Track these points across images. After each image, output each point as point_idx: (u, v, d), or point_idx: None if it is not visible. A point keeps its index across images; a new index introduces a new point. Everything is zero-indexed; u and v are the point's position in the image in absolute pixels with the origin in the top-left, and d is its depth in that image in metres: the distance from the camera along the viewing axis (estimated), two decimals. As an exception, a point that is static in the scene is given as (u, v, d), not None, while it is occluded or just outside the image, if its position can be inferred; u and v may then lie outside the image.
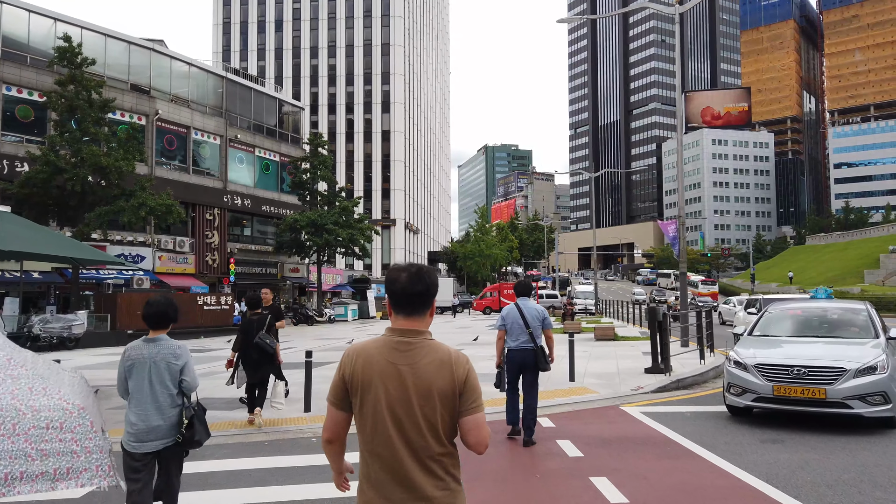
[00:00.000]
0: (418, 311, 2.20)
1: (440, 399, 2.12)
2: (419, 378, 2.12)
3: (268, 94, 43.45)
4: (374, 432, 2.14)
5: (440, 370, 2.14)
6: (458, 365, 2.17)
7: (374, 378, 2.14)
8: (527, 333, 6.77)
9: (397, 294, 2.20)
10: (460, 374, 2.16)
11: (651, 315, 11.19)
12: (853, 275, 58.07)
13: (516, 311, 6.90)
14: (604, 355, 14.92)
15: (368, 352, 2.19)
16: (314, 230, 36.65)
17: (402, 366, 2.13)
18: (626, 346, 17.11)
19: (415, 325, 2.20)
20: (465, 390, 2.15)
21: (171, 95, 35.89)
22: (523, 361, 6.79)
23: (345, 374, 2.20)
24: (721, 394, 8.21)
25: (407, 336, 2.17)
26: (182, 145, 35.88)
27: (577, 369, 11.16)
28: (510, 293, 49.13)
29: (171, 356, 3.81)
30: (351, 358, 2.21)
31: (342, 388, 2.21)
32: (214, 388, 10.79)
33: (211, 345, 23.14)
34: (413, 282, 2.18)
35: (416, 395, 2.12)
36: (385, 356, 2.16)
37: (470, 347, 18.39)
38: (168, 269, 34.24)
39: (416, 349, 2.16)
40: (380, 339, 2.23)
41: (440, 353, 2.17)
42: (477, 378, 2.22)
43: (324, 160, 38.69)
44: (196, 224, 36.12)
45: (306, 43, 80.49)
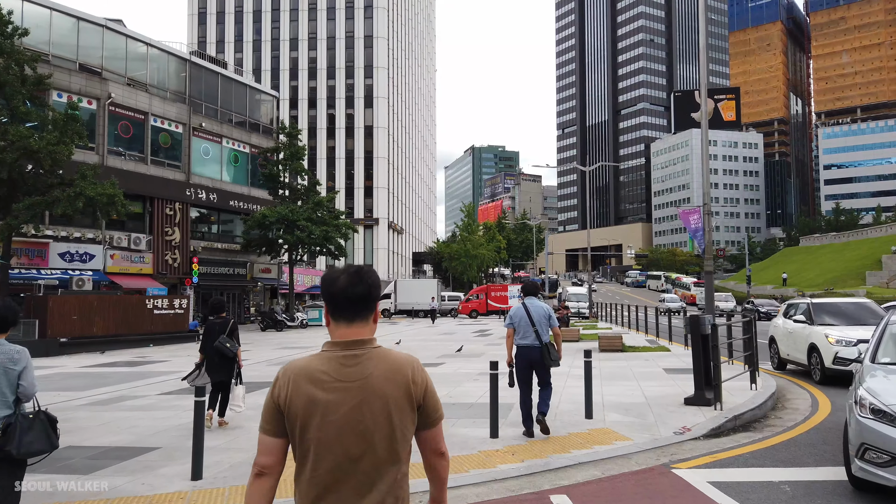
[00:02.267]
0: (361, 316, 1.97)
1: (398, 414, 1.91)
2: (370, 393, 1.89)
3: (237, 81, 40.25)
4: (317, 462, 1.88)
5: (396, 381, 1.92)
6: (415, 375, 1.96)
7: (320, 401, 1.88)
8: (533, 331, 7.01)
9: (336, 298, 1.96)
10: (419, 385, 1.96)
11: (694, 327, 8.31)
12: (854, 276, 55.91)
13: (523, 310, 7.13)
14: (618, 374, 12.03)
15: (308, 371, 1.92)
16: (285, 227, 33.56)
17: (351, 382, 1.89)
18: (639, 360, 14.26)
19: (359, 333, 1.96)
20: (426, 401, 1.97)
21: (127, 78, 32.65)
22: (531, 358, 7.07)
23: (279, 399, 1.92)
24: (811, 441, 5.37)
25: (353, 348, 1.93)
26: (139, 133, 32.64)
27: (592, 397, 8.27)
28: (497, 295, 46.26)
29: (8, 361, 3.73)
30: (287, 379, 1.93)
31: (276, 411, 1.92)
32: (116, 424, 7.79)
33: (155, 355, 20.04)
34: (353, 283, 1.95)
35: (371, 413, 1.88)
36: (331, 374, 1.90)
37: (454, 361, 15.44)
38: (121, 269, 31.00)
39: (363, 362, 1.92)
40: (321, 355, 1.95)
41: (392, 364, 1.95)
42: (433, 384, 2.01)
43: (296, 151, 35.58)
44: (154, 219, 32.88)
45: (286, 34, 77.25)
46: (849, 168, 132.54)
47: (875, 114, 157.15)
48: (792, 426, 7.63)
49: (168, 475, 5.77)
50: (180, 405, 9.74)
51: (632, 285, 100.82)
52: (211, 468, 5.88)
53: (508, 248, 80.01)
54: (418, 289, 46.23)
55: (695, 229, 13.74)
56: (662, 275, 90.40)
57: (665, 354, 15.37)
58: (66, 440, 7.26)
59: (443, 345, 20.63)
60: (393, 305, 47.21)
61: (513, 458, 6.10)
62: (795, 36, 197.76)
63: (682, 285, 73.68)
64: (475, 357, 16.26)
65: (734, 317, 29.51)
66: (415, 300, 45.60)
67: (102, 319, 22.73)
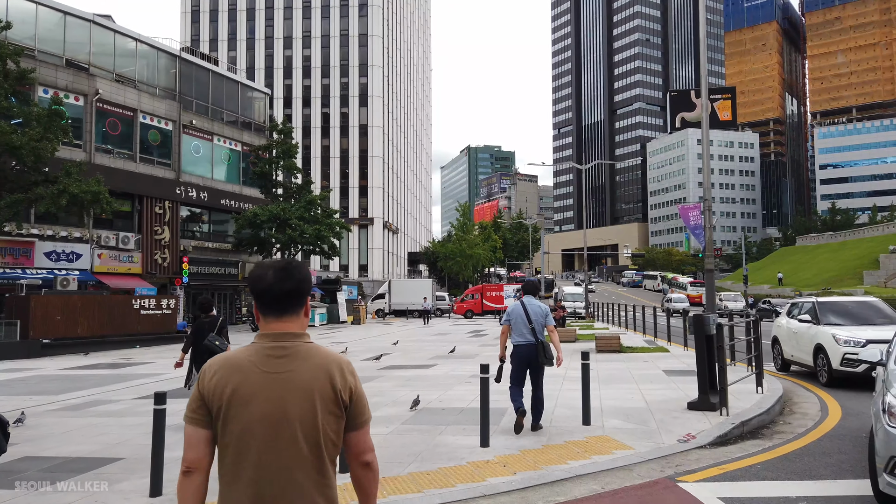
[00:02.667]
0: (290, 310, 1.95)
1: (322, 410, 1.86)
2: (295, 387, 1.85)
3: (228, 78, 39.65)
4: (238, 452, 1.82)
5: (322, 377, 1.88)
6: (343, 373, 1.92)
7: (243, 391, 1.84)
8: (529, 329, 7.10)
9: (264, 294, 1.94)
10: (346, 384, 1.91)
11: (698, 327, 7.83)
12: (851, 276, 55.60)
13: (521, 308, 7.28)
14: (617, 376, 11.54)
15: (235, 362, 1.89)
16: (276, 225, 33.00)
17: (277, 374, 1.86)
18: (638, 362, 13.78)
19: (289, 326, 1.94)
20: (353, 402, 1.92)
21: (115, 74, 32.05)
22: (527, 356, 7.11)
23: (203, 388, 1.88)
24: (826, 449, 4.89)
25: (281, 340, 1.91)
26: (128, 130, 32.05)
27: (591, 402, 7.76)
28: (493, 295, 45.77)
29: None
30: (213, 370, 1.90)
31: (201, 401, 1.88)
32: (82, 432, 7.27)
33: (140, 356, 19.48)
34: (281, 278, 1.93)
35: (293, 405, 1.84)
36: (258, 365, 1.87)
37: (446, 362, 14.93)
38: (109, 269, 30.39)
39: (291, 355, 1.89)
40: (250, 346, 1.92)
41: (320, 358, 1.92)
42: (361, 385, 1.96)
43: (288, 148, 35.02)
44: (143, 218, 32.29)
45: (280, 33, 76.63)
46: (844, 168, 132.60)
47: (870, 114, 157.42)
48: (803, 433, 7.15)
49: (125, 490, 5.26)
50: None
51: (628, 285, 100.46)
52: (174, 482, 5.36)
53: (504, 247, 79.53)
54: (413, 289, 45.69)
55: (694, 226, 13.29)
56: (659, 275, 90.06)
57: (664, 355, 14.91)
58: (25, 450, 6.75)
59: (436, 346, 20.13)
60: (387, 305, 46.67)
61: (504, 471, 5.61)
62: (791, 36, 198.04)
63: (678, 285, 73.31)
64: (468, 359, 15.76)
65: (749, 317, 29.12)
66: (409, 300, 45.05)
67: (87, 320, 22.16)
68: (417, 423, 7.76)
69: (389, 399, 9.59)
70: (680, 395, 9.19)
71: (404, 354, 17.40)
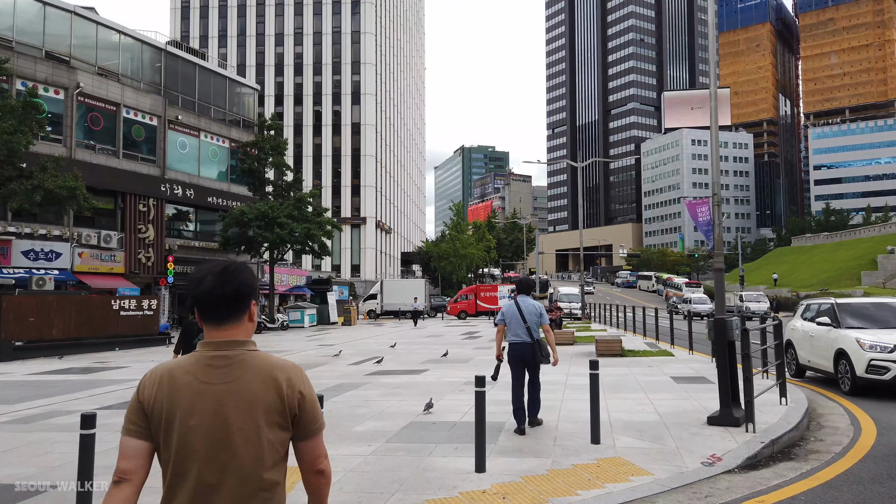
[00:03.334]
0: (231, 317, 1.83)
1: (267, 422, 1.77)
2: (239, 398, 1.76)
3: (216, 72, 38.62)
4: (178, 467, 1.74)
5: (266, 387, 1.78)
6: (291, 381, 1.82)
7: (182, 402, 1.76)
8: (524, 328, 7.13)
9: (203, 299, 1.83)
10: (294, 393, 1.81)
11: (719, 331, 6.96)
12: (848, 276, 55.06)
13: (515, 307, 7.30)
14: (623, 384, 10.68)
15: (175, 372, 1.80)
16: (264, 224, 32.02)
17: (218, 385, 1.76)
18: (642, 367, 12.94)
19: (231, 334, 1.83)
20: (303, 411, 1.82)
21: (98, 67, 31.03)
22: (522, 354, 7.14)
23: (143, 399, 1.80)
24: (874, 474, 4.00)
25: (223, 349, 1.81)
26: (110, 125, 31.02)
27: (599, 416, 6.90)
28: (487, 296, 44.93)
29: None
30: (153, 379, 1.81)
31: (140, 412, 1.80)
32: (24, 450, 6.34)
33: (117, 360, 18.52)
34: (219, 283, 1.82)
35: (235, 418, 1.75)
36: (197, 376, 1.78)
37: (438, 367, 14.05)
38: (91, 268, 29.36)
39: (234, 364, 1.79)
40: (191, 355, 1.84)
41: (266, 367, 1.81)
42: (314, 392, 1.85)
43: (276, 144, 34.06)
44: (127, 216, 31.25)
45: (271, 29, 75.58)
46: (838, 168, 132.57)
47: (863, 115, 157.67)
48: (840, 452, 6.31)
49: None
50: (116, 423, 8.30)
51: (622, 286, 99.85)
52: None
53: (498, 247, 78.68)
54: (405, 289, 44.77)
55: (703, 222, 12.46)
56: (653, 275, 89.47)
57: (669, 360, 14.09)
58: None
59: (428, 349, 19.24)
60: (379, 306, 45.77)
61: (503, 504, 4.74)
62: (784, 37, 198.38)
63: (673, 285, 72.63)
64: (462, 363, 14.89)
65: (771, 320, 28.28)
66: (402, 301, 44.16)
67: (63, 321, 21.17)
68: (404, 441, 6.88)
69: (375, 410, 8.71)
70: (695, 406, 8.34)
71: (395, 358, 16.52)
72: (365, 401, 9.49)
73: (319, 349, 20.33)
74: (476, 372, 12.97)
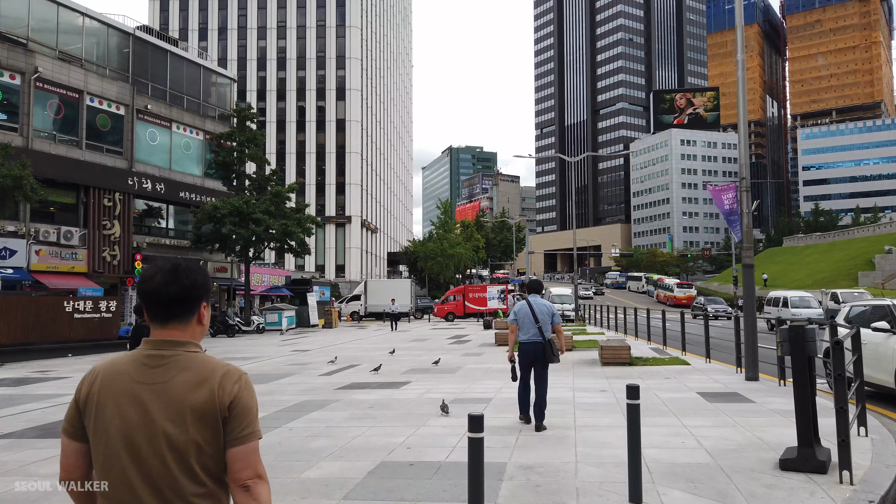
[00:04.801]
0: (176, 317, 1.78)
1: (196, 425, 1.66)
2: (168, 400, 1.67)
3: (189, 60, 36.51)
4: (106, 470, 1.68)
5: (198, 389, 1.68)
6: (224, 382, 1.70)
7: (110, 400, 1.70)
8: (536, 328, 7.19)
9: (147, 296, 1.77)
10: (226, 394, 1.69)
11: (797, 344, 5.14)
12: (844, 276, 53.90)
13: (527, 307, 7.32)
14: (645, 403, 8.82)
15: (111, 369, 1.76)
16: (239, 220, 30.01)
17: (148, 385, 1.69)
18: (658, 379, 11.15)
19: (173, 334, 1.77)
20: (233, 414, 1.68)
21: (59, 52, 28.87)
22: (534, 353, 7.22)
23: (79, 398, 1.77)
24: None
25: (161, 348, 1.74)
26: (72, 113, 28.87)
27: (624, 447, 5.03)
28: (476, 297, 43.12)
29: None
30: (90, 377, 1.78)
31: (75, 411, 1.77)
32: None
33: (64, 368, 16.49)
34: (167, 281, 1.76)
35: (162, 420, 1.66)
36: (130, 374, 1.72)
37: (423, 379, 12.17)
38: (49, 267, 27.20)
39: (169, 364, 1.72)
40: (131, 353, 1.79)
41: (202, 369, 1.72)
42: (252, 397, 1.72)
43: (253, 136, 32.05)
44: (90, 211, 29.10)
45: (253, 23, 73.36)
46: (827, 169, 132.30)
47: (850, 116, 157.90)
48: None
49: None
50: (9, 461, 6.39)
51: (612, 286, 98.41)
52: None
53: (487, 247, 76.92)
54: (390, 289, 42.82)
55: (728, 210, 10.77)
56: (643, 276, 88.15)
57: (686, 370, 12.32)
58: None
59: (412, 355, 17.35)
60: (363, 308, 43.81)
61: None
62: (771, 38, 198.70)
63: (664, 286, 71.23)
64: (450, 373, 13.03)
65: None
66: (387, 302, 42.22)
67: (8, 324, 19.12)
68: (369, 498, 5.01)
69: (338, 443, 6.82)
70: (749, 438, 6.52)
71: (372, 366, 14.65)
72: (327, 427, 7.61)
73: (291, 356, 18.40)
74: (467, 384, 11.15)
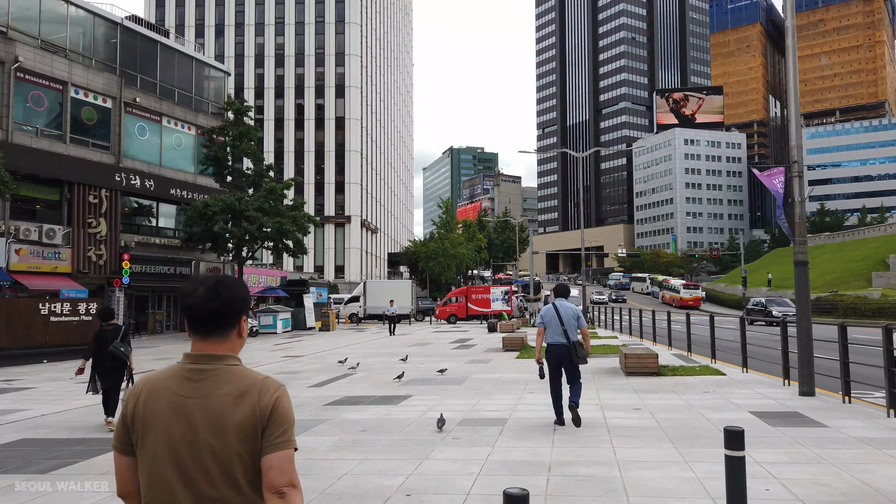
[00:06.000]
0: (217, 331, 1.81)
1: (239, 438, 1.69)
2: (211, 413, 1.71)
3: (181, 52, 35.08)
4: (151, 483, 1.71)
5: (239, 402, 1.72)
6: (264, 393, 1.74)
7: (157, 415, 1.74)
8: (561, 330, 7.38)
9: (191, 311, 1.81)
10: (265, 404, 1.73)
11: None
12: (857, 277, 52.41)
13: (553, 310, 7.52)
14: (692, 427, 7.34)
15: (155, 384, 1.79)
16: (231, 218, 28.58)
17: (191, 399, 1.73)
18: (695, 393, 9.68)
19: (213, 348, 1.80)
20: (270, 422, 1.72)
21: (41, 41, 27.47)
22: (559, 355, 7.42)
23: (126, 413, 1.80)
24: None
25: (201, 362, 1.78)
26: (55, 105, 27.48)
27: (695, 497, 3.58)
28: (479, 298, 41.68)
29: None
30: (135, 392, 1.81)
31: (123, 429, 1.79)
32: None
33: (31, 377, 15.07)
34: (209, 297, 1.80)
35: (206, 434, 1.69)
36: (173, 388, 1.76)
37: (426, 392, 10.69)
38: (30, 267, 25.80)
39: (210, 378, 1.75)
40: (172, 367, 1.83)
41: (242, 382, 1.76)
42: (289, 407, 1.76)
43: (247, 130, 30.63)
44: (75, 208, 27.70)
45: (251, 19, 71.99)
46: (832, 168, 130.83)
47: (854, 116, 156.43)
48: None
49: None
50: None
51: (615, 288, 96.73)
52: None
53: (489, 247, 75.42)
54: (391, 291, 41.33)
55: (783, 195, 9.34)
56: (648, 277, 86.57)
57: (724, 382, 10.86)
58: None
59: (413, 362, 15.88)
60: (362, 310, 42.34)
61: None
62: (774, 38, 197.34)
63: (670, 287, 69.71)
64: (455, 384, 11.57)
65: None
66: (386, 303, 40.80)
67: (-24, 329, 17.69)
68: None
69: (317, 487, 5.33)
70: (852, 483, 5.00)
71: (369, 375, 13.21)
72: (308, 461, 6.15)
73: (282, 363, 16.95)
74: (476, 399, 9.52)
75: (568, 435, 6.90)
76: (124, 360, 8.33)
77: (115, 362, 8.26)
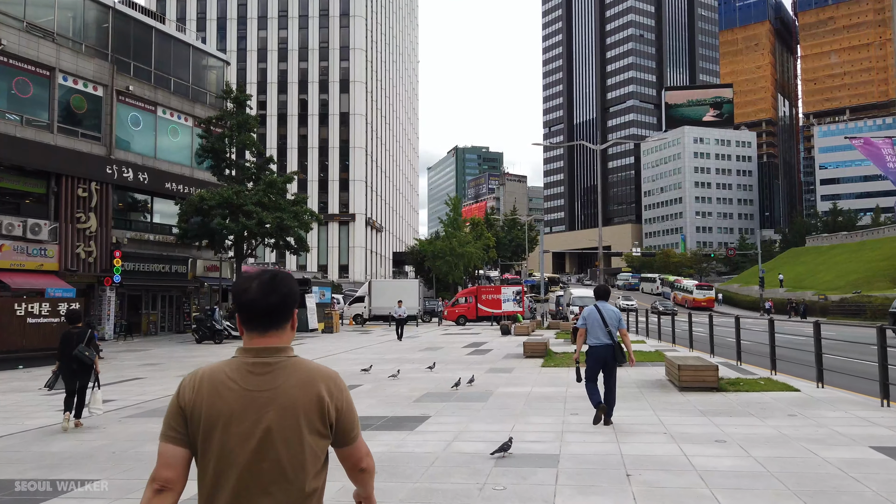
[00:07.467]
0: (275, 325, 1.82)
1: (309, 429, 1.74)
2: (281, 405, 1.73)
3: (177, 39, 33.43)
4: (220, 476, 1.70)
5: (308, 394, 1.76)
6: (331, 387, 1.80)
7: (225, 410, 1.71)
8: (605, 331, 7.55)
9: (248, 307, 1.81)
10: (335, 397, 1.80)
11: None
12: (880, 278, 50.47)
13: (596, 312, 7.67)
14: (803, 472, 5.58)
15: (217, 377, 1.76)
16: (228, 212, 26.90)
17: (261, 392, 1.73)
18: (779, 417, 7.92)
19: (272, 341, 1.81)
20: (342, 417, 1.81)
21: (26, 23, 25.83)
22: (604, 356, 7.57)
23: (184, 403, 1.75)
24: None
25: (264, 356, 1.78)
26: (42, 93, 25.84)
27: None
28: (489, 298, 39.91)
29: None
30: (192, 383, 1.77)
31: (180, 417, 1.75)
32: None
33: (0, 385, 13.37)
34: (266, 292, 1.81)
35: (280, 427, 1.72)
36: (239, 383, 1.74)
37: (446, 412, 8.92)
38: (14, 264, 24.17)
39: (275, 371, 1.76)
40: (231, 361, 1.80)
41: (307, 373, 1.79)
42: (351, 398, 1.85)
43: (245, 120, 28.93)
44: (62, 202, 26.07)
45: (253, 12, 70.39)
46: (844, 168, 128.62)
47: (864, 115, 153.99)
48: None
49: None
50: None
51: (624, 288, 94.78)
52: None
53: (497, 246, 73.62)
54: (397, 290, 39.60)
55: (894, 169, 7.63)
56: (658, 277, 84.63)
57: (803, 400, 9.08)
58: None
59: (425, 372, 14.13)
60: (367, 310, 40.62)
61: None
62: (783, 36, 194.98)
63: (682, 288, 67.80)
64: (479, 401, 9.80)
65: None
66: (392, 303, 39.09)
67: (-57, 332, 16.05)
68: None
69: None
70: None
71: (376, 390, 11.47)
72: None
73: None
74: (510, 423, 7.68)
75: (651, 488, 5.11)
76: (90, 364, 8.48)
77: (81, 365, 8.40)
